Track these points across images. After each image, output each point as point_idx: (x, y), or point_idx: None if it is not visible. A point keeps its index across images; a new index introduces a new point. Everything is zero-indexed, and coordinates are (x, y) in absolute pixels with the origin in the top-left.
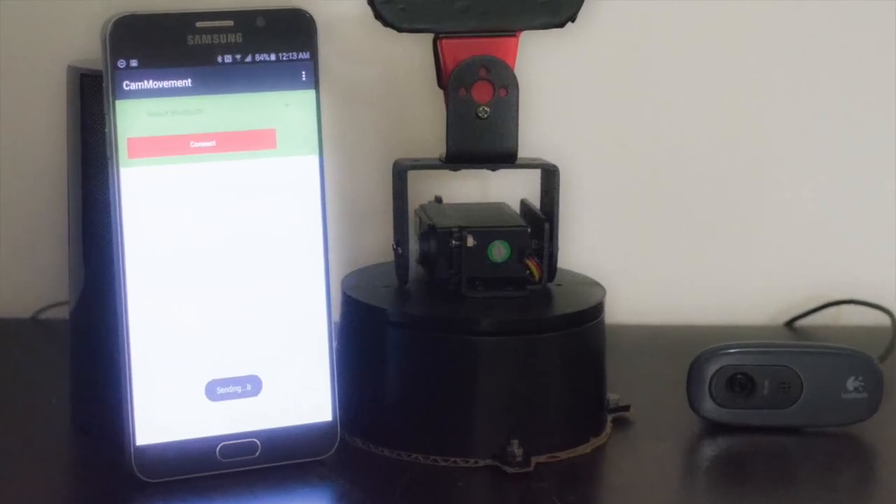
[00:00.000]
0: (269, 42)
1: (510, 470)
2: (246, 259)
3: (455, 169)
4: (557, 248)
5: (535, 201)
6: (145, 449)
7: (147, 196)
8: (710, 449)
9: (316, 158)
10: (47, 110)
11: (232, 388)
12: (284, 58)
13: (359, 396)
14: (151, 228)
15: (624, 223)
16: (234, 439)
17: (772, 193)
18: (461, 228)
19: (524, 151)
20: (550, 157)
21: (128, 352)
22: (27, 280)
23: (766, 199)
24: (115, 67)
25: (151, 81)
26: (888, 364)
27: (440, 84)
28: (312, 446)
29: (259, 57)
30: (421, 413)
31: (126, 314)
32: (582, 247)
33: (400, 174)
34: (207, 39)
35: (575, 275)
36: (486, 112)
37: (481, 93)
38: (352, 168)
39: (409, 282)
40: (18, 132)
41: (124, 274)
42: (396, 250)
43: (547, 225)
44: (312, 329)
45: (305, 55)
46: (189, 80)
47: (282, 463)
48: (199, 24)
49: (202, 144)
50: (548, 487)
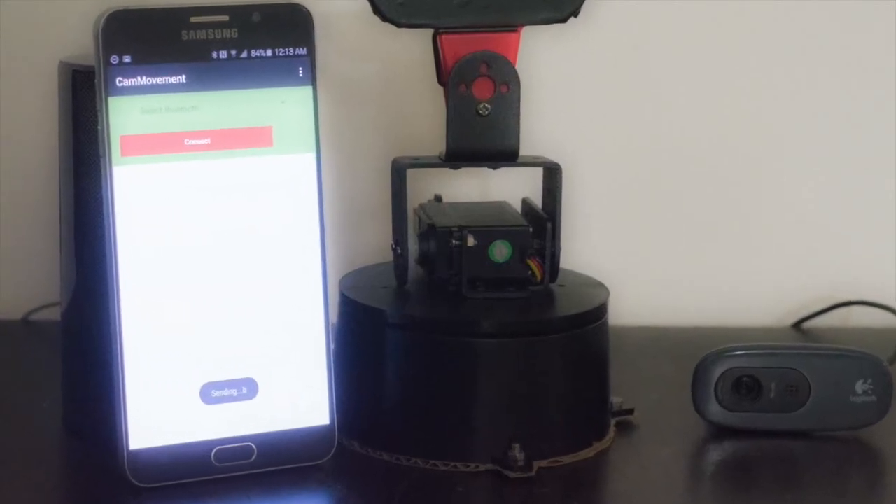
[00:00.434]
0: (266, 37)
1: (511, 475)
2: (241, 259)
3: (455, 167)
4: (560, 248)
5: (537, 200)
6: (139, 453)
7: (140, 195)
8: (716, 453)
9: (313, 156)
10: (38, 107)
11: (227, 391)
12: (281, 53)
13: (357, 399)
14: (145, 228)
15: (627, 223)
16: (230, 443)
17: (775, 193)
18: (461, 228)
19: (525, 149)
20: (552, 156)
21: (121, 354)
22: (18, 281)
23: (771, 199)
24: (108, 63)
25: (145, 78)
26: None
27: (440, 80)
28: (309, 450)
29: (255, 53)
30: (420, 416)
31: (119, 315)
32: (584, 247)
33: (399, 172)
34: (202, 35)
35: (578, 275)
36: (487, 109)
37: (482, 89)
38: (350, 166)
39: (409, 282)
40: (8, 129)
41: (117, 274)
42: (395, 250)
43: (549, 224)
44: (309, 331)
45: (302, 51)
46: (183, 77)
47: (278, 468)
48: (194, 19)
49: (197, 142)
50: (550, 493)
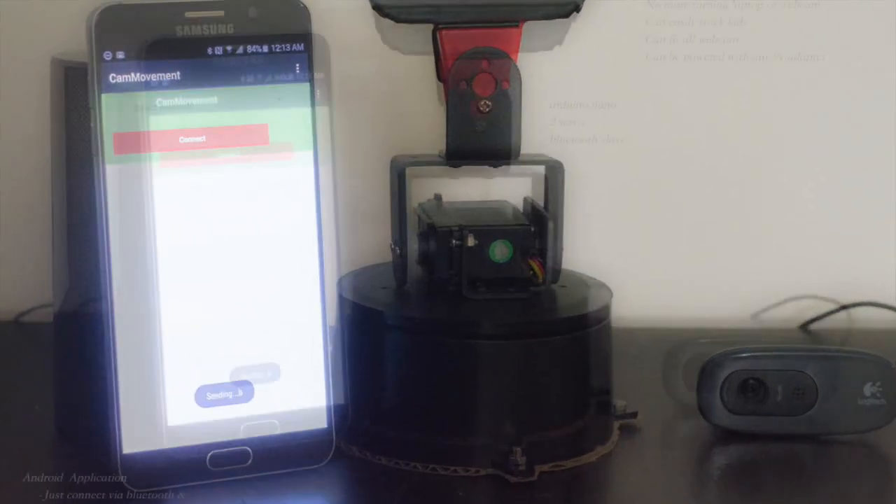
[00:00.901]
0: (262, 33)
1: (513, 479)
2: (237, 259)
3: (455, 166)
4: (562, 248)
5: (538, 200)
6: (133, 457)
7: (134, 194)
8: (722, 457)
9: (311, 154)
10: (30, 105)
11: (223, 394)
12: (278, 49)
13: (355, 403)
14: (138, 228)
15: (629, 223)
16: (225, 447)
17: (776, 193)
18: (462, 227)
19: (526, 148)
20: (551, 155)
21: (114, 356)
22: (9, 281)
23: (772, 199)
24: (101, 59)
25: (139, 74)
26: None
27: (440, 77)
28: (307, 454)
29: (251, 49)
30: (420, 420)
31: (112, 317)
32: (586, 247)
33: (398, 171)
34: (197, 31)
35: (580, 276)
36: (488, 106)
37: (483, 86)
38: (348, 165)
39: (408, 283)
40: (0, 127)
41: (110, 275)
42: (395, 250)
43: (550, 224)
44: (307, 332)
45: (300, 47)
46: (178, 73)
47: (275, 472)
48: (189, 15)
49: (191, 140)
50: (552, 498)
